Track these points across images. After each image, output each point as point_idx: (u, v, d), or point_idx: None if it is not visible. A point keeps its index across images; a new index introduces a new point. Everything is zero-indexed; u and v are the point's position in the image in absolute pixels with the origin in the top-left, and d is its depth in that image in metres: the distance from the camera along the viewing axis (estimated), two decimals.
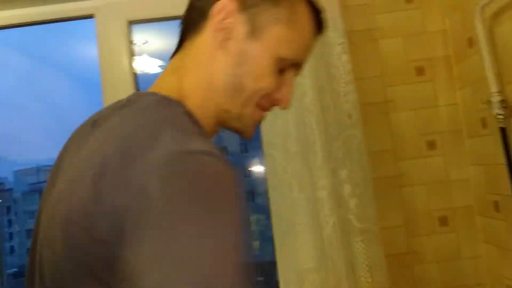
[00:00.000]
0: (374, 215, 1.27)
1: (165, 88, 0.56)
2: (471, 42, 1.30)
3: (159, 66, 2.14)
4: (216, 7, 0.56)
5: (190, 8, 0.61)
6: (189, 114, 0.52)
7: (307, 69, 1.25)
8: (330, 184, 1.24)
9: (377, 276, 1.25)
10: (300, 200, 1.25)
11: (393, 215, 1.39)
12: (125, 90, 1.48)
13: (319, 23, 0.62)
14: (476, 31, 1.20)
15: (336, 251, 1.23)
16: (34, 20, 1.53)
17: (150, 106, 0.52)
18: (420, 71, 1.42)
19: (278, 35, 0.57)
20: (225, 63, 0.57)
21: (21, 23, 1.54)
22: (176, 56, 0.61)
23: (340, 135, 1.27)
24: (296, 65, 0.61)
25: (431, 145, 1.41)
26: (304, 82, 1.25)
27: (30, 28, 1.61)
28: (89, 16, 1.50)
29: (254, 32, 0.57)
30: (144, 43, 1.57)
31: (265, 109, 0.61)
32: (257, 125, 0.62)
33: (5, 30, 1.60)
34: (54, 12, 1.51)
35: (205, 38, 0.58)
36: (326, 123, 1.26)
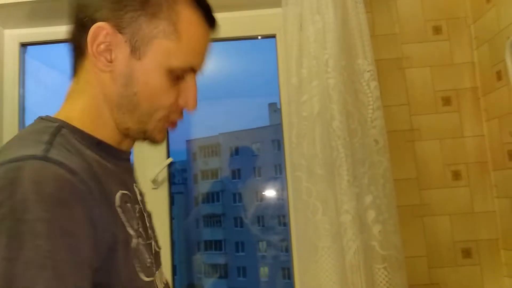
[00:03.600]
0: (398, 243, 1.26)
1: (58, 113, 0.59)
2: (500, 75, 1.31)
3: None
4: (91, 32, 0.55)
5: (72, 30, 0.60)
6: (59, 128, 0.53)
7: (336, 94, 1.27)
8: (354, 209, 1.24)
9: None
10: (323, 223, 1.25)
11: (415, 245, 1.37)
12: None
13: (208, 19, 0.60)
14: (506, 65, 1.21)
15: (358, 277, 1.22)
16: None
17: (26, 128, 0.56)
18: (446, 101, 1.44)
19: (161, 49, 0.56)
20: (114, 85, 0.56)
21: (54, 40, 1.61)
22: (73, 80, 0.61)
23: (366, 161, 1.28)
24: (192, 69, 0.60)
25: (456, 175, 1.40)
26: (332, 107, 1.27)
27: (62, 44, 1.67)
28: None
29: (135, 51, 0.56)
30: None
31: (173, 117, 0.61)
32: (167, 130, 0.63)
33: (38, 46, 1.66)
34: None
35: (90, 62, 0.57)
36: (352, 147, 1.27)
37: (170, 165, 1.55)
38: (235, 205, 4.62)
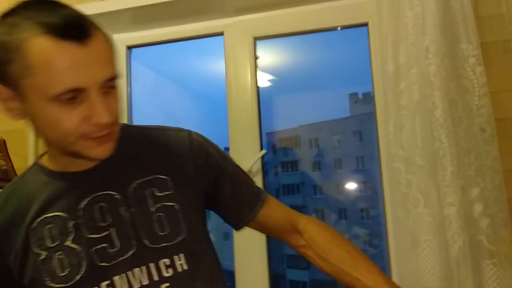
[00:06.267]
0: (508, 237, 1.18)
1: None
2: None
3: (269, 80, 2.24)
4: None
5: None
6: (32, 165, 0.75)
7: (438, 81, 1.22)
8: (459, 202, 1.18)
9: None
10: (425, 215, 1.21)
11: None
12: (246, 101, 1.58)
13: (60, 31, 0.56)
14: None
15: (464, 273, 1.16)
16: (168, 39, 1.71)
17: None
18: None
19: (30, 86, 0.57)
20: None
21: (156, 41, 1.73)
22: None
23: (471, 151, 1.21)
24: (79, 90, 0.58)
25: None
26: (434, 94, 1.22)
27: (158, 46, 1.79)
28: (219, 34, 1.63)
29: (16, 96, 0.60)
30: (256, 59, 1.70)
31: (96, 134, 0.62)
32: (105, 143, 0.64)
33: (139, 48, 1.80)
34: (187, 31, 1.67)
35: None
36: (456, 137, 1.21)
37: (262, 157, 1.60)
38: (315, 197, 4.62)
